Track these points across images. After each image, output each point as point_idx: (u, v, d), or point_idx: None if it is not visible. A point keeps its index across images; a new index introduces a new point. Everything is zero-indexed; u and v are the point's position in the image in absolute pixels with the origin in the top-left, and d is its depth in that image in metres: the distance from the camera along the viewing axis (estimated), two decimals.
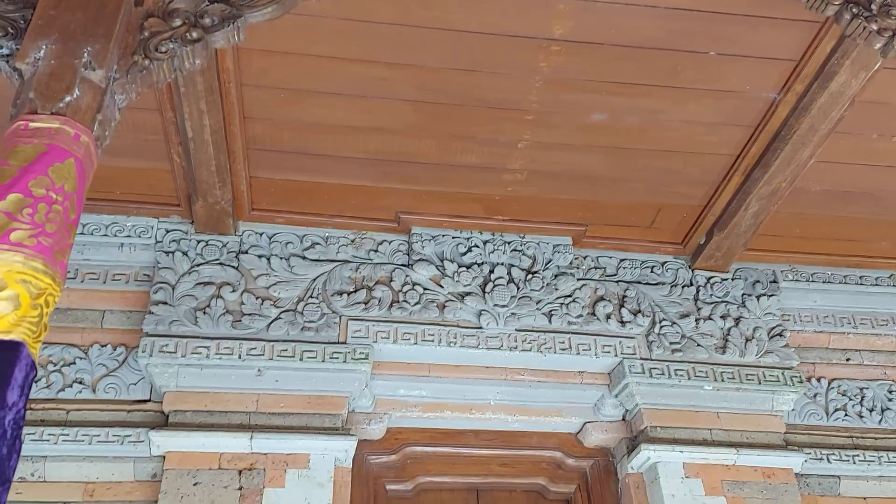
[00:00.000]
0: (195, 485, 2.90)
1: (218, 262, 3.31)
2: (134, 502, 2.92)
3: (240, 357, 3.10)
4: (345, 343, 3.24)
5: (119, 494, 2.92)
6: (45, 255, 1.39)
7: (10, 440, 1.19)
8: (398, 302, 3.38)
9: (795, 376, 3.45)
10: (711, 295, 3.64)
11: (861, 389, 3.62)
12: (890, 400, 3.61)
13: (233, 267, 3.32)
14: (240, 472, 2.96)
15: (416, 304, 3.38)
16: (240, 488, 2.93)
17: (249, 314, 3.22)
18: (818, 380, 3.64)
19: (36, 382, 2.92)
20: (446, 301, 3.42)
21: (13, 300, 1.31)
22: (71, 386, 3.03)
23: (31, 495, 2.86)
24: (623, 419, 3.50)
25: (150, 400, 3.08)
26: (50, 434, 2.89)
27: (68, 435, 2.91)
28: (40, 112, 1.55)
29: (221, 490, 2.91)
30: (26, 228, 1.38)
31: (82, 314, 3.18)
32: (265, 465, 2.99)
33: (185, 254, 3.30)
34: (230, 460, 2.98)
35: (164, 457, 2.95)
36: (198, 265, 3.29)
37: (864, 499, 3.39)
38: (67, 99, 1.58)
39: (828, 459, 3.39)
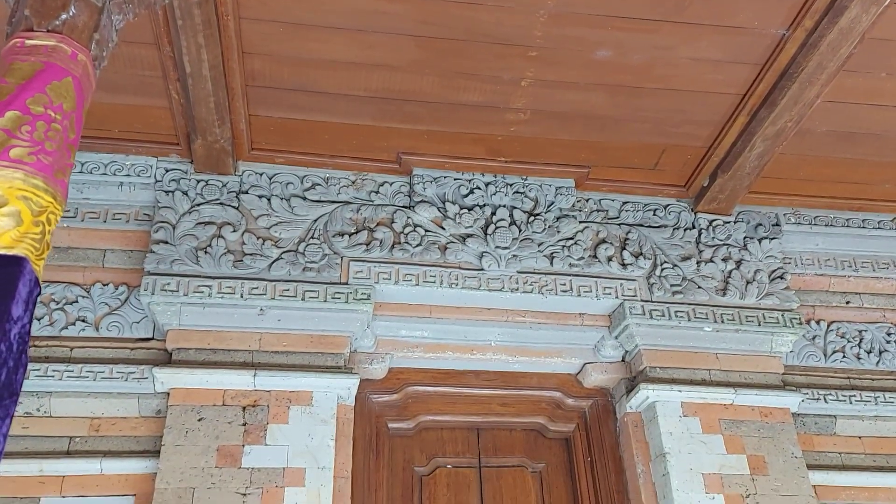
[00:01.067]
0: (199, 420, 2.94)
1: (218, 201, 3.29)
2: (139, 437, 2.96)
3: (241, 296, 3.11)
4: (346, 284, 3.24)
5: (124, 430, 2.96)
6: (45, 173, 1.38)
7: (16, 354, 1.19)
8: (399, 243, 3.37)
9: (795, 318, 3.46)
10: (713, 238, 3.64)
11: (860, 332, 3.65)
12: (888, 342, 3.64)
13: (233, 207, 3.30)
14: (244, 408, 3.00)
15: (417, 245, 3.37)
16: (244, 424, 2.97)
17: (251, 254, 3.21)
18: (817, 322, 3.66)
19: (38, 320, 2.95)
20: (448, 243, 3.41)
21: (15, 216, 1.30)
22: (74, 324, 3.05)
23: (38, 430, 2.89)
24: (622, 360, 3.53)
25: (153, 338, 3.10)
26: (54, 370, 2.91)
27: (73, 371, 2.93)
28: (36, 29, 1.51)
29: (226, 426, 2.94)
30: (25, 146, 1.35)
31: (83, 253, 3.17)
32: (269, 402, 3.03)
33: (184, 193, 3.28)
34: (234, 397, 3.01)
35: (168, 393, 2.98)
36: (198, 205, 3.27)
37: (860, 437, 3.44)
38: (63, 16, 1.54)
39: (824, 399, 3.43)
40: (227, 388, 3.01)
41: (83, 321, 3.06)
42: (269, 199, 3.35)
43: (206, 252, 3.17)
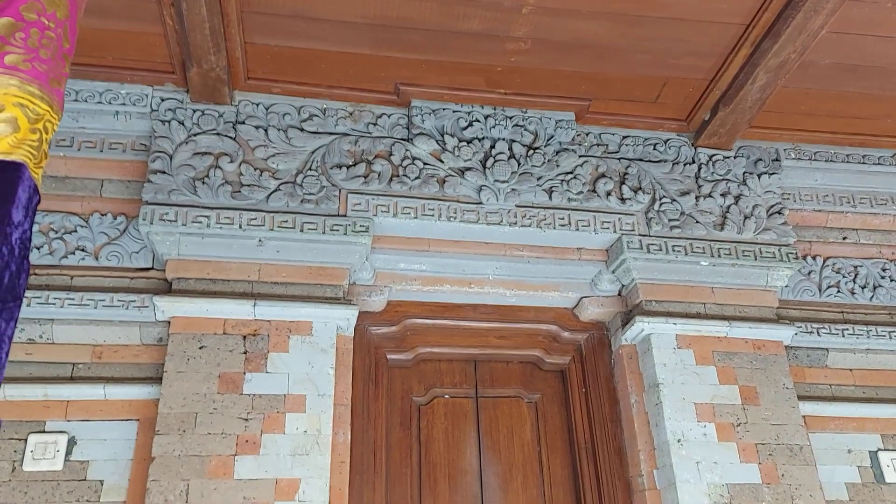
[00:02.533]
0: (201, 348, 2.98)
1: (215, 132, 3.27)
2: (141, 364, 3.00)
3: (240, 227, 3.11)
4: (345, 216, 3.24)
5: (126, 357, 3.00)
6: (40, 81, 1.36)
7: (18, 259, 1.20)
8: (398, 176, 3.36)
9: (791, 253, 3.49)
10: (713, 173, 3.63)
11: (855, 267, 3.68)
12: (883, 277, 3.67)
13: (230, 137, 3.28)
14: (244, 337, 3.03)
15: (415, 178, 3.36)
16: (244, 352, 3.00)
17: (248, 185, 3.20)
18: (814, 258, 3.68)
19: (38, 249, 2.95)
20: (446, 176, 3.40)
21: (12, 123, 1.29)
22: (73, 253, 3.06)
23: (42, 356, 2.93)
24: (619, 294, 3.56)
25: (152, 268, 3.11)
26: (55, 298, 2.93)
27: (73, 299, 2.95)
28: None
29: (227, 354, 2.98)
30: (20, 53, 1.34)
31: (80, 183, 3.16)
32: (269, 332, 3.06)
33: (181, 123, 3.25)
34: (234, 326, 3.04)
35: (169, 322, 3.01)
36: (194, 135, 3.24)
37: (850, 370, 3.51)
38: None
39: (818, 333, 3.48)
40: (228, 317, 3.04)
41: (82, 251, 3.06)
42: (266, 130, 3.32)
43: (203, 182, 3.16)
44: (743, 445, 3.15)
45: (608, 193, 3.50)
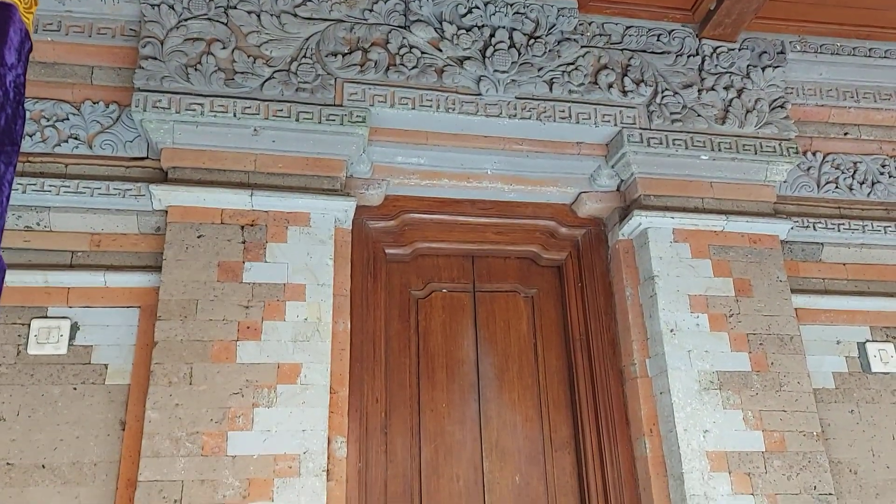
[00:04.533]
0: (199, 237, 2.98)
1: (206, 17, 3.16)
2: (140, 253, 3.01)
3: (235, 115, 3.06)
4: (341, 105, 3.18)
5: (125, 245, 3.00)
6: None
7: (13, 102, 1.17)
8: (395, 65, 3.28)
9: (791, 147, 3.46)
10: (716, 65, 3.56)
11: (854, 163, 3.67)
12: (881, 174, 3.66)
13: (222, 23, 3.18)
14: (242, 227, 3.03)
15: (413, 67, 3.28)
16: (243, 242, 3.01)
17: (242, 72, 3.13)
18: (813, 153, 3.66)
19: (31, 136, 2.91)
20: (444, 65, 3.32)
21: None
22: (66, 141, 3.01)
23: (40, 243, 2.93)
24: (618, 189, 3.55)
25: (147, 157, 3.07)
26: (51, 185, 2.91)
27: (69, 187, 2.93)
28: None
29: (225, 243, 2.99)
30: None
31: (70, 69, 3.08)
32: (266, 222, 3.06)
33: (171, 7, 3.14)
34: (232, 216, 3.03)
35: (166, 211, 3.00)
36: (185, 20, 3.14)
37: (844, 264, 3.55)
38: None
39: (813, 227, 3.50)
40: (225, 207, 3.03)
41: (76, 139, 3.02)
42: (258, 16, 3.21)
43: (196, 69, 3.08)
44: (734, 335, 3.22)
45: (610, 86, 3.44)
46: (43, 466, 2.68)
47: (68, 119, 3.03)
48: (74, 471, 2.69)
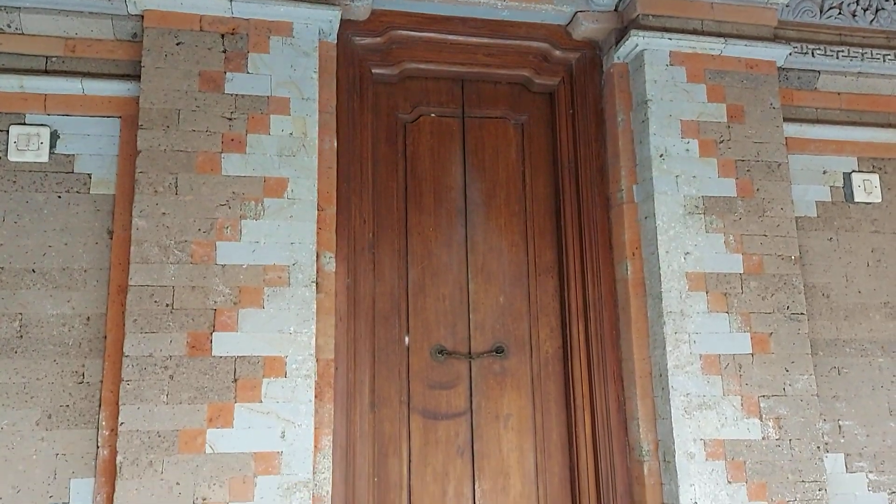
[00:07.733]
0: (178, 45, 2.86)
1: None
2: (118, 61, 2.90)
3: None
4: None
5: (101, 52, 2.88)
6: None
7: None
8: None
9: None
10: None
11: None
12: (887, 0, 3.52)
13: None
14: (222, 35, 2.90)
15: None
16: (224, 51, 2.89)
17: None
18: None
19: None
20: None
21: None
22: None
23: (12, 47, 2.81)
24: (615, 10, 3.41)
25: None
26: None
27: None
28: None
29: (205, 51, 2.87)
30: None
31: None
32: (248, 31, 2.93)
33: None
34: (211, 23, 2.90)
35: (142, 15, 2.86)
36: None
37: (839, 94, 3.49)
38: None
39: (812, 54, 3.41)
40: (204, 13, 2.89)
41: None
42: None
43: None
44: (723, 161, 3.21)
45: None
46: (33, 271, 2.71)
47: None
48: (65, 276, 2.73)
